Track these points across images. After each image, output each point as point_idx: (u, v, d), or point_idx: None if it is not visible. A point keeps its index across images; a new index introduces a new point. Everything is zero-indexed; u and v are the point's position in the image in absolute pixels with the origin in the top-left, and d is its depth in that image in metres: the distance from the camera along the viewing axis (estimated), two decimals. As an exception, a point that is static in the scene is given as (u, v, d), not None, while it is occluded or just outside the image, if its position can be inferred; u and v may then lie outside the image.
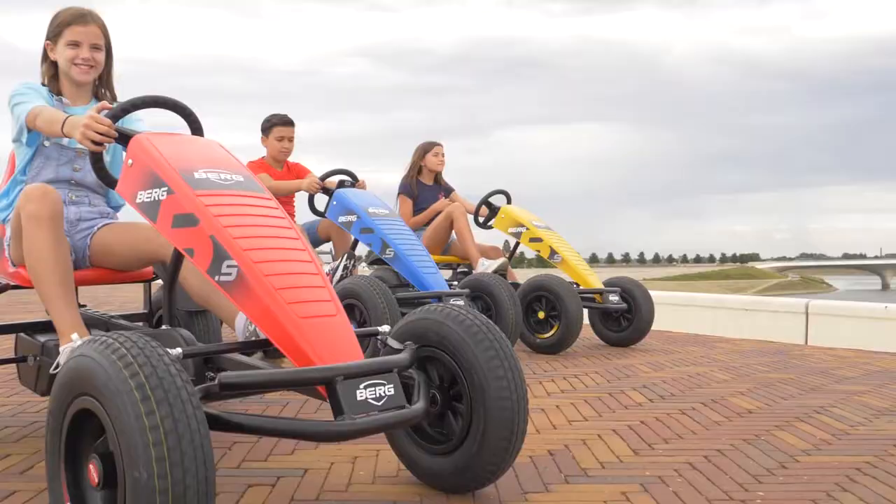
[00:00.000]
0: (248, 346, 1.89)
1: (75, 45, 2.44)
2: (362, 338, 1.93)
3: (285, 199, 4.73)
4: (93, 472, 1.38)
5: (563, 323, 4.28)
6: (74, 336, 2.10)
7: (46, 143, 2.45)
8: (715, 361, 4.30)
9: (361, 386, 1.58)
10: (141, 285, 2.77)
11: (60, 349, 2.13)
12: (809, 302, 5.40)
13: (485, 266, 4.75)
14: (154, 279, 2.67)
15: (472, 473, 1.90)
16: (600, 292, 4.66)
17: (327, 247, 4.79)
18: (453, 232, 5.07)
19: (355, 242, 4.36)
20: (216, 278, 1.78)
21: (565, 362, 4.19)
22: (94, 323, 2.57)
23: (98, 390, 1.33)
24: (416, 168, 5.26)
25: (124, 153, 2.06)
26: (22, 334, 2.64)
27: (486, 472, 1.90)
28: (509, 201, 5.29)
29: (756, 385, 3.56)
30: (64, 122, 2.14)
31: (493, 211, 5.18)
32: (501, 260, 4.82)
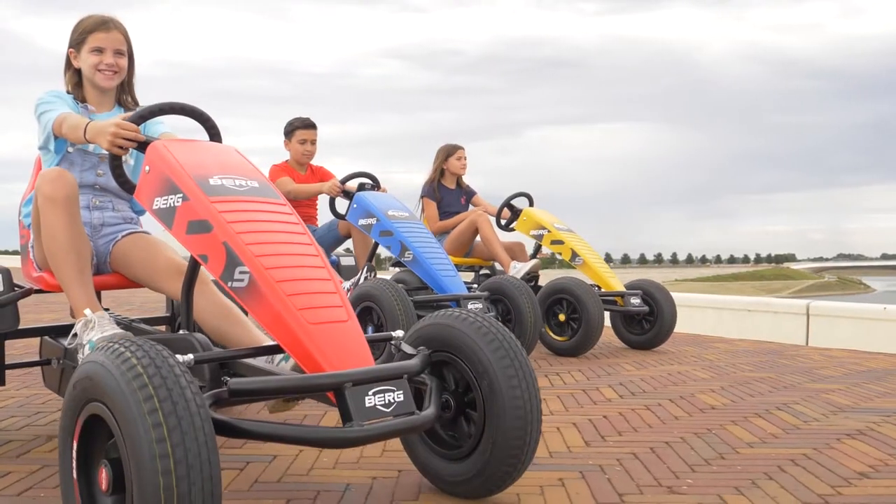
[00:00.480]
0: (259, 352, 1.90)
1: (99, 51, 2.48)
2: (376, 343, 1.94)
3: (308, 202, 4.77)
4: (103, 477, 1.41)
5: (584, 325, 4.30)
6: (87, 311, 2.14)
7: (70, 149, 2.49)
8: (702, 361, 4.33)
9: (370, 392, 1.59)
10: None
11: (75, 325, 2.17)
12: (810, 303, 5.44)
13: (516, 269, 4.79)
14: None
15: (484, 480, 1.90)
16: (621, 295, 4.64)
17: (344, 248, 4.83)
18: (477, 237, 5.09)
19: (375, 245, 4.36)
20: (229, 284, 1.79)
21: (552, 360, 4.27)
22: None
23: (108, 397, 1.34)
24: (439, 171, 5.28)
25: None
26: (46, 337, 2.69)
27: (499, 479, 1.89)
28: (531, 204, 5.30)
29: (731, 383, 3.61)
30: (86, 128, 2.17)
31: (515, 213, 5.20)
32: (533, 262, 4.86)
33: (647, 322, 4.74)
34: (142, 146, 2.12)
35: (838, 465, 2.28)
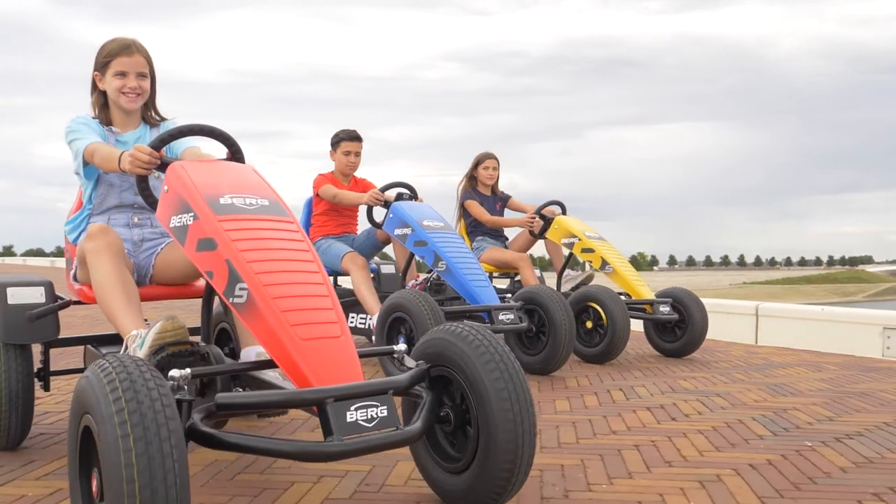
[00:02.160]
0: (257, 367, 1.98)
1: (122, 75, 2.59)
2: (381, 356, 1.99)
3: (349, 211, 4.88)
4: (94, 483, 1.51)
5: (610, 333, 4.35)
6: (133, 332, 2.18)
7: (110, 173, 2.62)
8: (625, 354, 4.82)
9: (352, 408, 1.64)
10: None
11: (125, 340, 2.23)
12: (759, 305, 6.00)
13: (570, 276, 4.90)
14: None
15: (478, 495, 1.92)
16: (650, 303, 4.66)
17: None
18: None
19: (411, 256, 4.43)
20: (230, 300, 1.88)
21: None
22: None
23: (92, 409, 1.44)
24: (472, 179, 5.33)
25: None
26: (89, 346, 2.86)
27: (492, 494, 1.90)
28: (564, 212, 5.33)
29: (614, 369, 4.12)
30: (119, 159, 2.30)
31: (548, 222, 5.22)
32: (587, 273, 4.90)
33: (678, 329, 4.74)
34: (163, 167, 2.24)
35: None
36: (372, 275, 4.98)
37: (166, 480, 1.35)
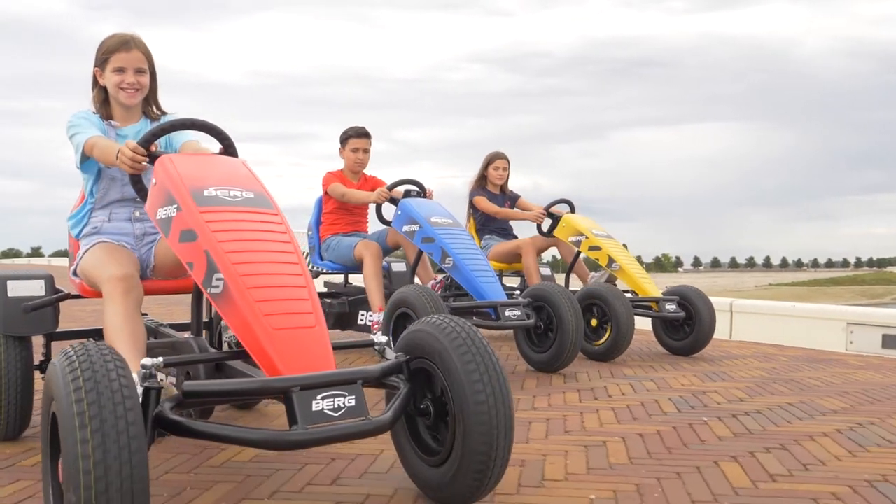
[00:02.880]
0: (228, 357, 1.99)
1: (121, 70, 2.62)
2: (361, 348, 1.99)
3: (359, 210, 4.88)
4: (60, 469, 1.52)
5: (614, 330, 4.33)
6: (144, 361, 2.00)
7: (111, 167, 2.66)
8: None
9: (318, 397, 1.64)
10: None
11: None
12: (733, 301, 6.22)
13: (592, 277, 4.95)
14: None
15: (455, 489, 1.91)
16: (657, 301, 4.64)
17: None
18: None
19: (420, 253, 4.42)
20: (208, 290, 1.89)
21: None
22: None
23: (55, 398, 1.45)
24: (482, 178, 5.32)
25: None
26: (91, 339, 2.89)
27: (468, 488, 1.89)
28: (573, 210, 5.32)
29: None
30: (117, 154, 2.31)
31: (556, 220, 5.20)
32: (609, 273, 4.89)
33: (686, 328, 4.71)
34: (152, 161, 2.26)
35: None
36: (384, 272, 4.98)
37: (121, 472, 1.35)
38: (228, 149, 2.43)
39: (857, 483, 2.21)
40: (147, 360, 1.69)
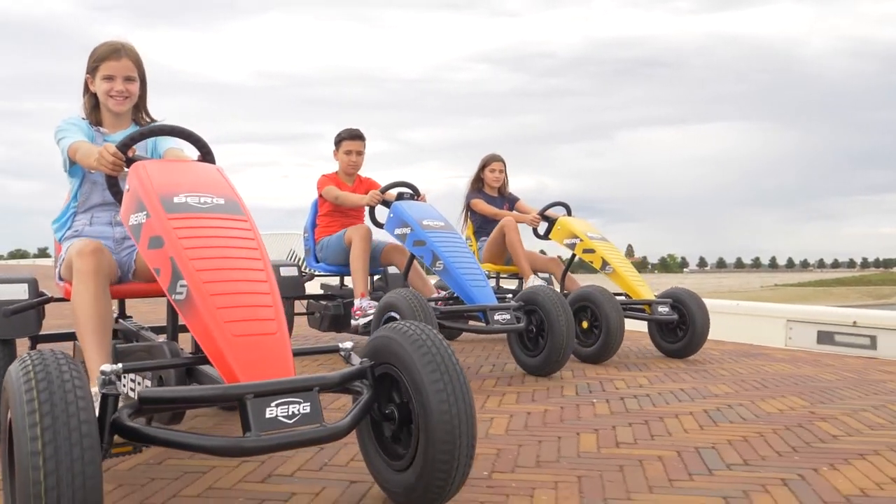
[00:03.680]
0: (189, 363, 2.00)
1: (110, 78, 2.65)
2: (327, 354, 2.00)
3: (354, 212, 4.89)
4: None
5: (604, 333, 4.33)
6: (104, 367, 2.23)
7: (93, 171, 2.70)
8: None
9: (273, 404, 1.64)
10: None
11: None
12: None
13: (534, 281, 4.82)
14: None
15: (419, 494, 1.91)
16: (649, 303, 4.64)
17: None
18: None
19: (412, 257, 4.40)
20: (173, 297, 1.90)
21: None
22: (126, 332, 2.81)
23: (11, 406, 1.47)
24: (478, 181, 5.31)
25: None
26: (76, 342, 2.93)
27: (431, 494, 1.89)
28: (569, 213, 5.31)
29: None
30: (97, 157, 2.35)
31: (551, 223, 5.19)
32: (544, 277, 4.88)
33: (680, 330, 4.71)
34: (129, 165, 2.28)
35: None
36: (379, 276, 4.99)
37: (74, 484, 1.36)
38: (206, 156, 2.44)
39: (685, 449, 2.52)
40: (106, 367, 1.70)
